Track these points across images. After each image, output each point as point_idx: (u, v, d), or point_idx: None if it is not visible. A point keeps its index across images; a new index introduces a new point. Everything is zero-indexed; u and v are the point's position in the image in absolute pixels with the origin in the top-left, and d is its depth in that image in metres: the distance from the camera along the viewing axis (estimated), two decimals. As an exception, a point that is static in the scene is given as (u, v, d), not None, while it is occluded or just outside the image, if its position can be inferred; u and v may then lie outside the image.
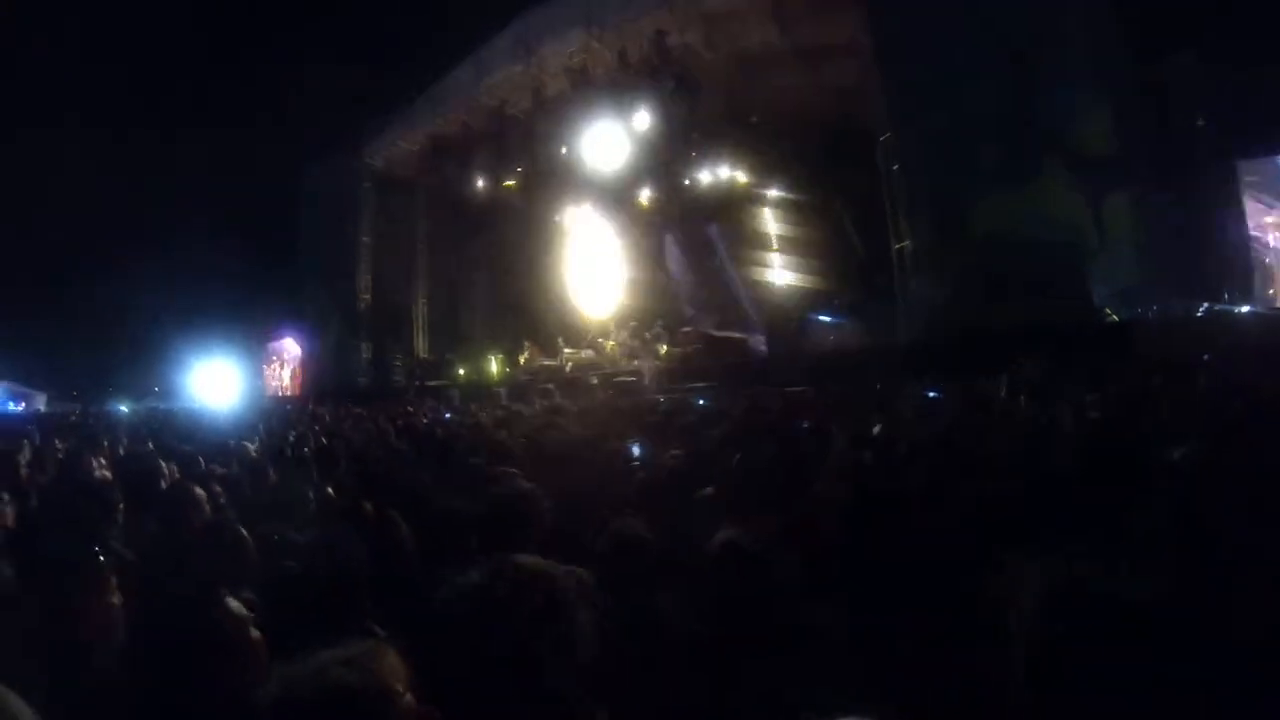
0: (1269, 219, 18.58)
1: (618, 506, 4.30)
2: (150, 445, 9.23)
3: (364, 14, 27.67)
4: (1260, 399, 6.12)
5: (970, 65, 16.15)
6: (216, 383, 33.96)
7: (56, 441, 9.71)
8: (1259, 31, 14.97)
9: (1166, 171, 16.44)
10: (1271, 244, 17.30)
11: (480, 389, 23.73)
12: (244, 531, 3.85)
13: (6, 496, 4.86)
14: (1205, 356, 11.19)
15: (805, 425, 7.07)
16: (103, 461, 7.56)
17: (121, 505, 4.74)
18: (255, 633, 2.48)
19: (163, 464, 6.34)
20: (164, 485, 5.60)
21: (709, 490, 4.63)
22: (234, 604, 2.52)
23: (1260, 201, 18.31)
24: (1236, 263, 16.57)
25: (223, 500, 5.33)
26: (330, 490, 5.47)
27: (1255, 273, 17.19)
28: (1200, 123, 17.01)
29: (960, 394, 9.76)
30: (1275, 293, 17.10)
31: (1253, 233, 17.34)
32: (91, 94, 28.74)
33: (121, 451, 9.02)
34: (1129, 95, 16.13)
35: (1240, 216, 16.87)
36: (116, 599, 2.74)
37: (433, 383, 26.73)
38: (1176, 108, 16.92)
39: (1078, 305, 15.90)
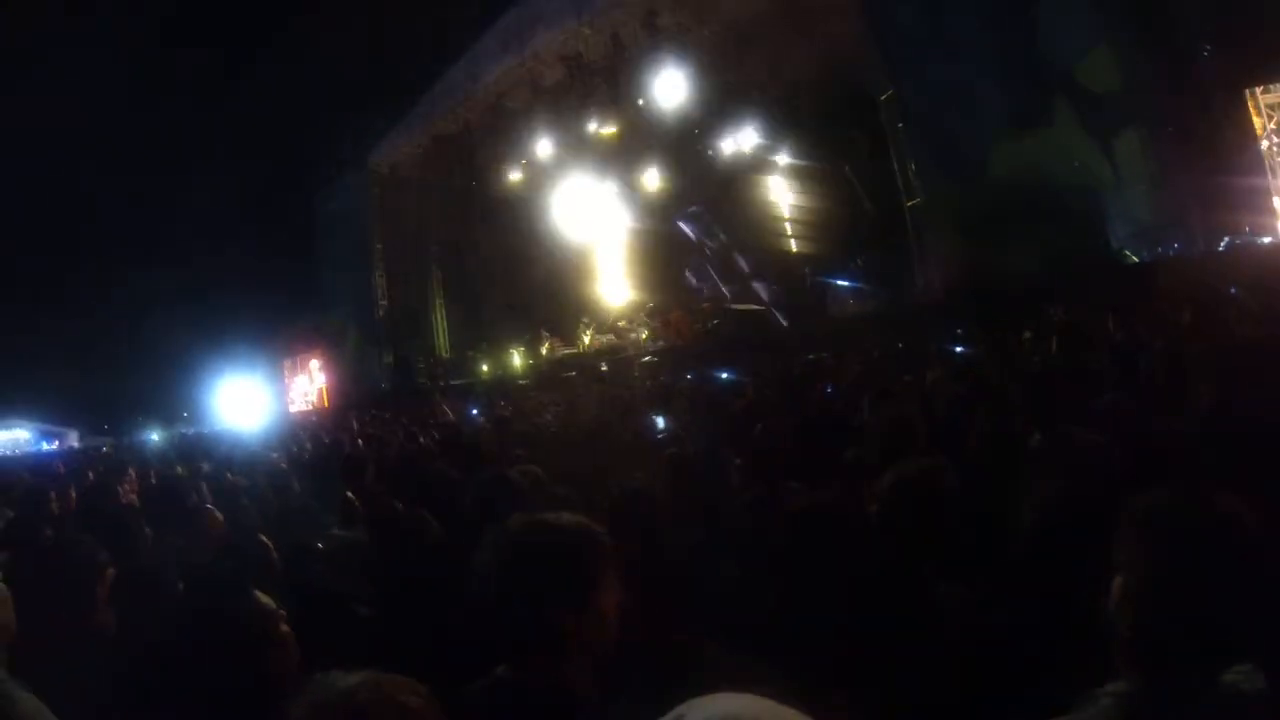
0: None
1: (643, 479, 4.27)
2: (179, 469, 9.27)
3: (357, 22, 27.63)
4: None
5: (967, 11, 16.00)
6: (244, 403, 34.15)
7: (90, 474, 9.76)
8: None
9: (1176, 105, 16.23)
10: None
11: (505, 383, 23.76)
12: (266, 540, 3.85)
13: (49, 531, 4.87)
14: (1232, 290, 11.04)
15: (830, 390, 7.00)
16: (128, 488, 7.58)
17: (147, 527, 4.76)
18: (285, 626, 2.55)
19: (191, 484, 6.36)
20: (193, 501, 5.60)
21: (737, 461, 4.59)
22: (263, 598, 2.59)
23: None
24: (1255, 193, 16.32)
25: (249, 512, 5.34)
26: (352, 495, 5.45)
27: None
28: (1206, 52, 16.76)
29: (988, 348, 9.67)
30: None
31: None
32: (114, 128, 28.85)
33: (152, 478, 9.04)
34: (1133, 30, 15.90)
35: (1255, 145, 16.60)
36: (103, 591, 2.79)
37: (456, 381, 26.79)
38: (1181, 39, 16.68)
39: (1097, 247, 15.76)
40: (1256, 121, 16.73)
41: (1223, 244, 15.65)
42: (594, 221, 27.20)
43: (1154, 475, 2.38)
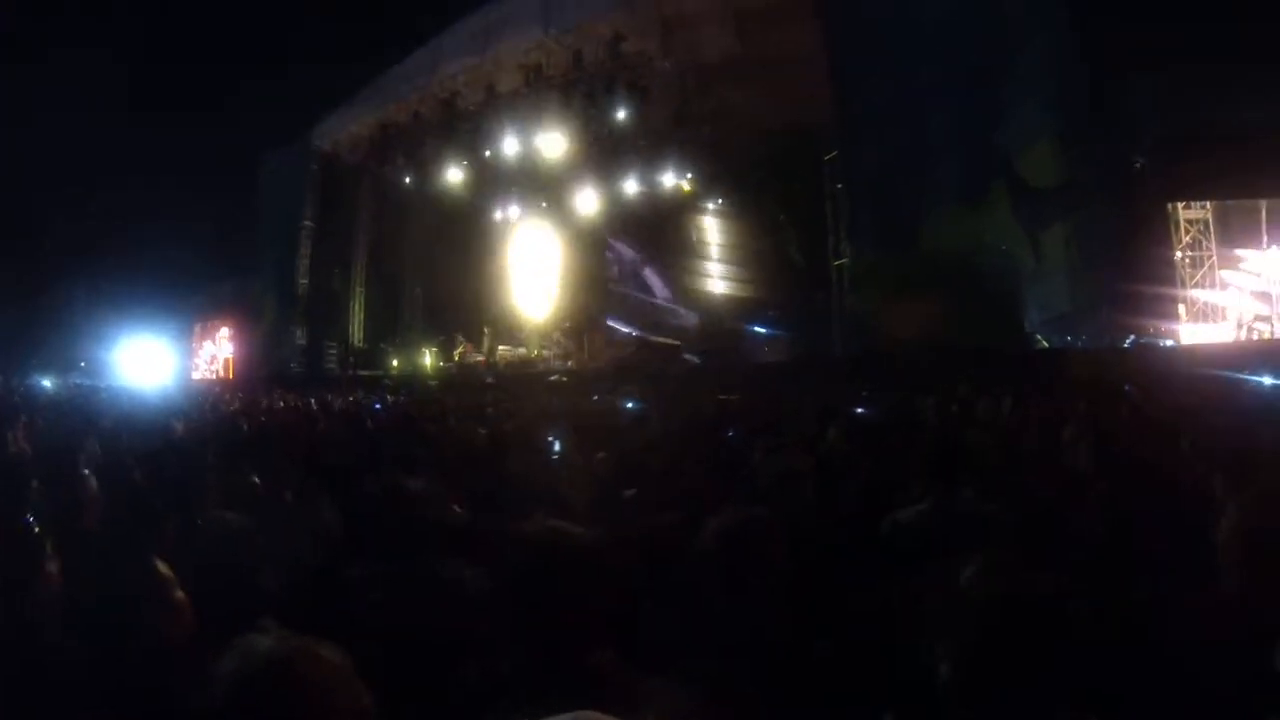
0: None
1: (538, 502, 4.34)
2: (71, 421, 9.10)
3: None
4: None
5: (928, 88, 16.40)
6: (146, 362, 33.28)
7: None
8: (1208, 78, 15.38)
9: (1105, 208, 16.82)
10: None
11: (413, 381, 23.62)
12: (161, 512, 3.85)
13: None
14: (1127, 387, 11.46)
15: (732, 433, 7.13)
16: (19, 435, 7.43)
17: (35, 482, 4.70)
18: (181, 593, 2.58)
19: (88, 439, 6.27)
20: (84, 461, 5.52)
21: (631, 492, 4.68)
22: (162, 566, 2.61)
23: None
24: (1164, 300, 17.01)
25: (139, 479, 5.29)
26: (255, 476, 5.43)
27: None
28: (1138, 164, 17.42)
29: (890, 411, 9.91)
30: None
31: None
32: (43, 67, 28.12)
33: (39, 426, 8.85)
34: (1078, 128, 16.46)
35: (1170, 256, 17.33)
36: (56, 567, 2.77)
37: (365, 372, 26.55)
38: (1119, 148, 17.31)
39: (1011, 329, 16.21)
40: (1174, 233, 17.48)
41: (1128, 342, 16.25)
42: (526, 234, 27.27)
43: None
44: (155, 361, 33.53)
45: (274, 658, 1.60)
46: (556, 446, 6.63)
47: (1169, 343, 16.74)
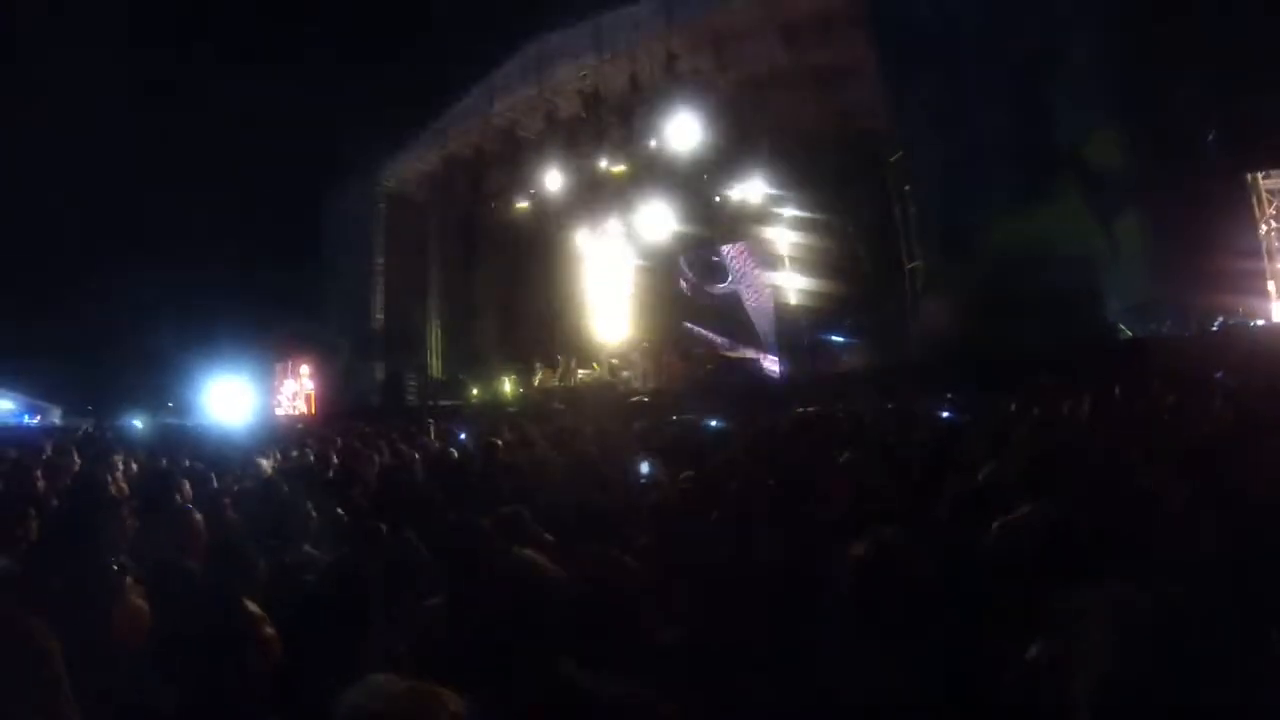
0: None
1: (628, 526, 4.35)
2: (164, 461, 9.30)
3: (383, 38, 27.88)
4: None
5: (982, 87, 16.22)
6: (231, 400, 34.04)
7: (75, 455, 9.76)
8: (1267, 49, 15.02)
9: (1178, 186, 16.43)
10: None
11: (494, 409, 23.78)
12: (251, 548, 3.93)
13: (32, 511, 4.90)
14: (1219, 374, 11.16)
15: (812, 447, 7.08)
16: (118, 475, 7.62)
17: (132, 521, 4.82)
18: (270, 630, 2.68)
19: (181, 481, 6.41)
20: (178, 501, 5.65)
21: (715, 514, 4.66)
22: (250, 604, 2.63)
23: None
24: (1250, 276, 16.54)
25: (232, 516, 5.40)
26: (341, 510, 5.50)
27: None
28: (1210, 137, 17.00)
29: (975, 415, 9.77)
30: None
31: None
32: (120, 109, 28.95)
33: (135, 467, 9.07)
34: (1140, 112, 16.14)
35: (1253, 230, 16.83)
36: (140, 602, 2.84)
37: (446, 403, 26.80)
38: (1187, 122, 16.92)
39: (1092, 322, 15.91)
40: (1256, 206, 16.98)
41: (1216, 325, 15.81)
42: (597, 257, 27.40)
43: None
44: (239, 399, 34.27)
45: (398, 700, 1.62)
46: (645, 469, 6.64)
47: (1260, 322, 16.27)
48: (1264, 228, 16.98)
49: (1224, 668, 1.87)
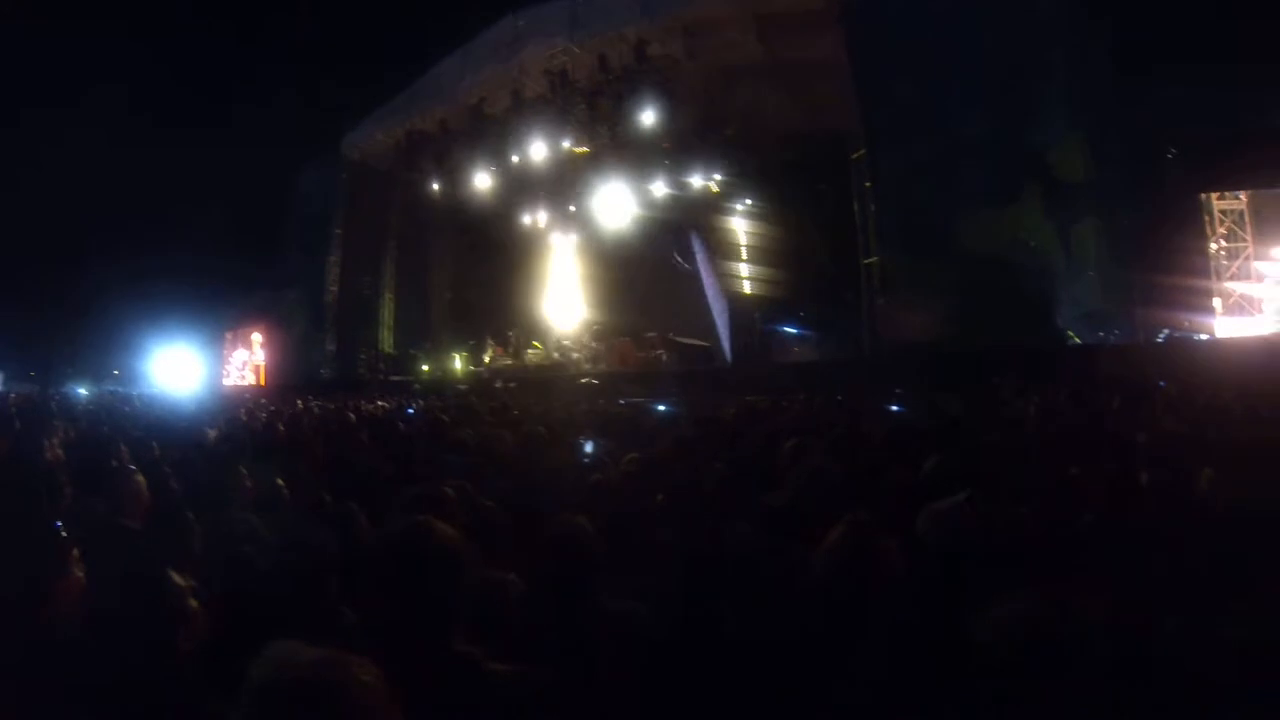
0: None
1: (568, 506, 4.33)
2: (105, 429, 9.17)
3: (358, 8, 27.56)
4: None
5: (954, 90, 16.33)
6: (178, 369, 33.60)
7: (16, 422, 9.63)
8: (1233, 67, 15.31)
9: (1136, 200, 16.71)
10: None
11: (444, 385, 23.70)
12: (188, 517, 3.88)
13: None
14: (1161, 383, 11.36)
15: (761, 435, 7.09)
16: (55, 442, 7.50)
17: (69, 488, 4.75)
18: (194, 603, 2.62)
19: (119, 446, 6.31)
20: (117, 465, 5.56)
21: (660, 497, 4.66)
22: (176, 577, 2.62)
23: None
24: (1197, 293, 16.86)
25: (174, 485, 5.32)
26: (284, 481, 5.44)
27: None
28: (1170, 155, 17.29)
29: (925, 408, 9.86)
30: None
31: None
32: (72, 83, 28.41)
33: (73, 434, 8.93)
34: (1105, 125, 16.37)
35: (1203, 247, 17.16)
36: (80, 572, 2.79)
37: (396, 377, 26.68)
38: (1149, 139, 17.21)
39: (1044, 327, 16.12)
40: (1208, 225, 17.29)
41: (1161, 336, 16.11)
42: (554, 238, 27.34)
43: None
44: (187, 369, 33.85)
45: (316, 672, 1.59)
46: (588, 449, 6.63)
47: (1204, 337, 16.57)
48: (1214, 246, 17.32)
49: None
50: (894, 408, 10.42)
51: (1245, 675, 2.23)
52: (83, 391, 24.13)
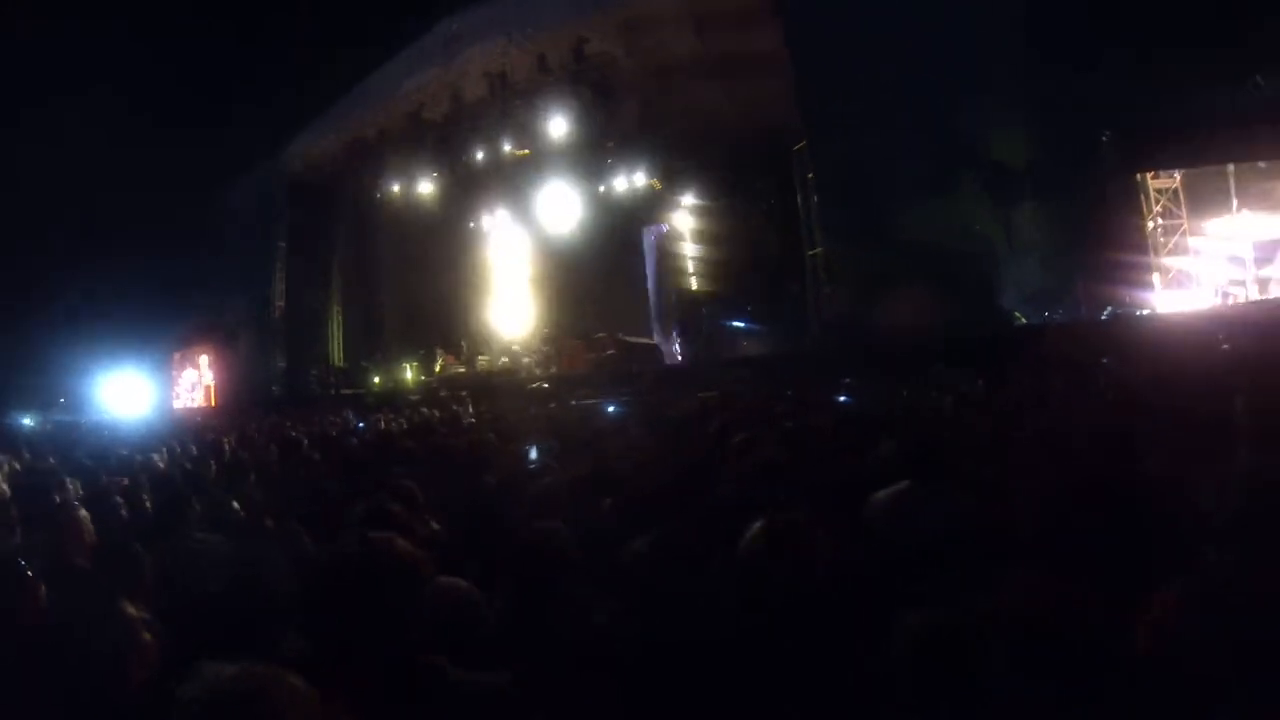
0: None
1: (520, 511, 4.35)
2: (51, 460, 9.04)
3: (288, 15, 27.19)
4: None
5: (892, 80, 16.48)
6: (126, 394, 33.01)
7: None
8: (1164, 50, 15.65)
9: (1075, 183, 17.01)
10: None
11: (396, 396, 23.56)
12: (139, 548, 3.85)
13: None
14: (1104, 360, 11.57)
15: (711, 431, 7.13)
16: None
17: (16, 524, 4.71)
18: (148, 635, 2.61)
19: (63, 479, 6.23)
20: (61, 500, 5.50)
21: (609, 500, 4.68)
22: (130, 610, 2.57)
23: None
24: (1137, 269, 17.21)
25: (124, 514, 5.27)
26: (237, 504, 5.41)
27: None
28: (1104, 137, 17.62)
29: (867, 399, 9.98)
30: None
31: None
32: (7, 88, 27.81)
33: (18, 466, 8.79)
34: (1040, 109, 16.62)
35: (1141, 226, 17.51)
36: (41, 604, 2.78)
37: (348, 391, 26.48)
38: (1084, 123, 17.54)
39: (989, 310, 16.34)
40: (1145, 203, 17.64)
41: (1105, 314, 16.41)
42: (499, 242, 27.28)
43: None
44: (135, 393, 33.29)
45: (239, 685, 1.60)
46: (533, 455, 6.64)
47: (1145, 312, 16.90)
48: (1151, 224, 17.68)
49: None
50: (841, 399, 10.53)
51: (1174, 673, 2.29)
52: (27, 421, 23.68)
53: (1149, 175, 17.78)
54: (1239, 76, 16.16)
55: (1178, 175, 17.63)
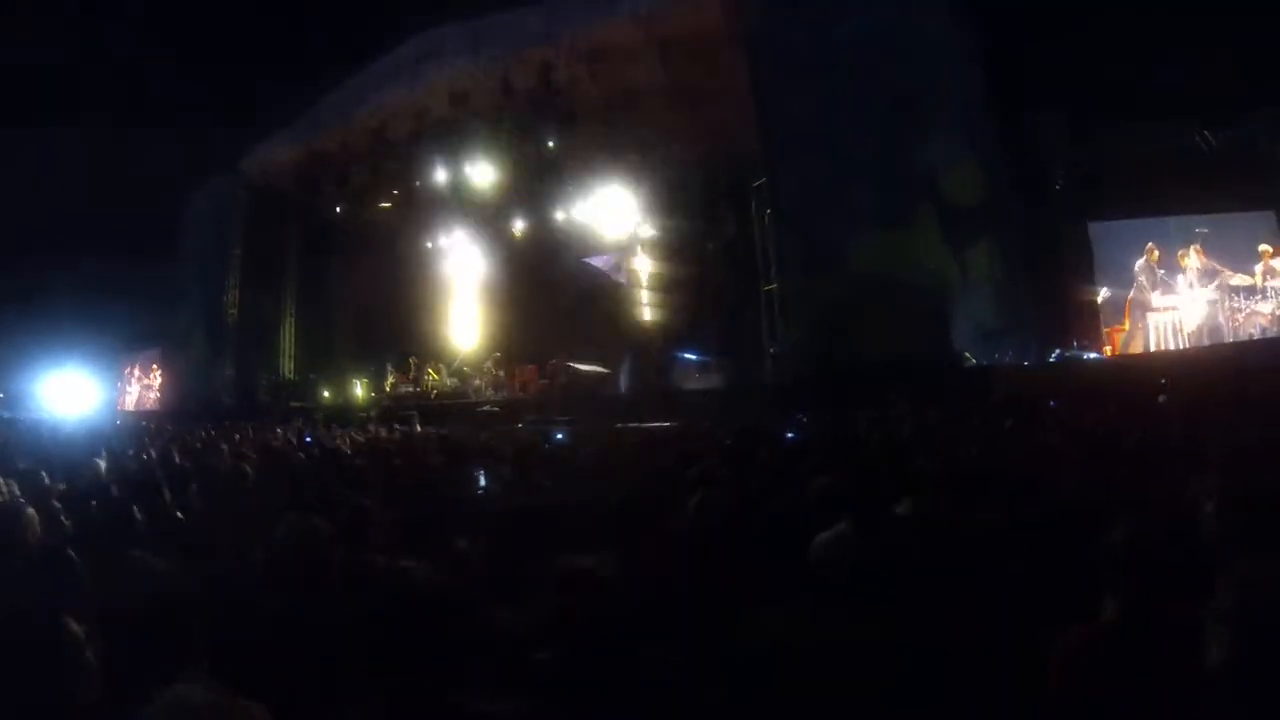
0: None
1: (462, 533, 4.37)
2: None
3: (261, 25, 27.06)
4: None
5: (851, 113, 16.68)
6: (70, 394, 32.45)
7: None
8: (1118, 100, 16.06)
9: (1027, 224, 17.33)
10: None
11: (346, 412, 23.40)
12: (74, 556, 3.80)
13: None
14: (1052, 403, 11.76)
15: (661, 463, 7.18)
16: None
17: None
18: (90, 655, 2.50)
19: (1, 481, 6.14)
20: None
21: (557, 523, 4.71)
22: (72, 624, 2.54)
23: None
24: (1087, 312, 17.58)
25: (64, 520, 5.21)
26: (178, 513, 5.37)
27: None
28: (1058, 185, 18.01)
29: (817, 433, 10.07)
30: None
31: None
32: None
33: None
34: (996, 149, 16.92)
35: (1089, 271, 17.88)
36: None
37: (296, 404, 26.24)
38: (1039, 164, 17.93)
39: (939, 348, 16.51)
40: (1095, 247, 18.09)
41: (1053, 356, 16.69)
42: (455, 262, 27.24)
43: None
44: (80, 393, 32.74)
45: (208, 712, 1.61)
46: (482, 479, 6.66)
47: (1093, 356, 17.23)
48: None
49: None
50: (789, 434, 10.60)
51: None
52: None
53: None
54: (1187, 132, 16.64)
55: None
